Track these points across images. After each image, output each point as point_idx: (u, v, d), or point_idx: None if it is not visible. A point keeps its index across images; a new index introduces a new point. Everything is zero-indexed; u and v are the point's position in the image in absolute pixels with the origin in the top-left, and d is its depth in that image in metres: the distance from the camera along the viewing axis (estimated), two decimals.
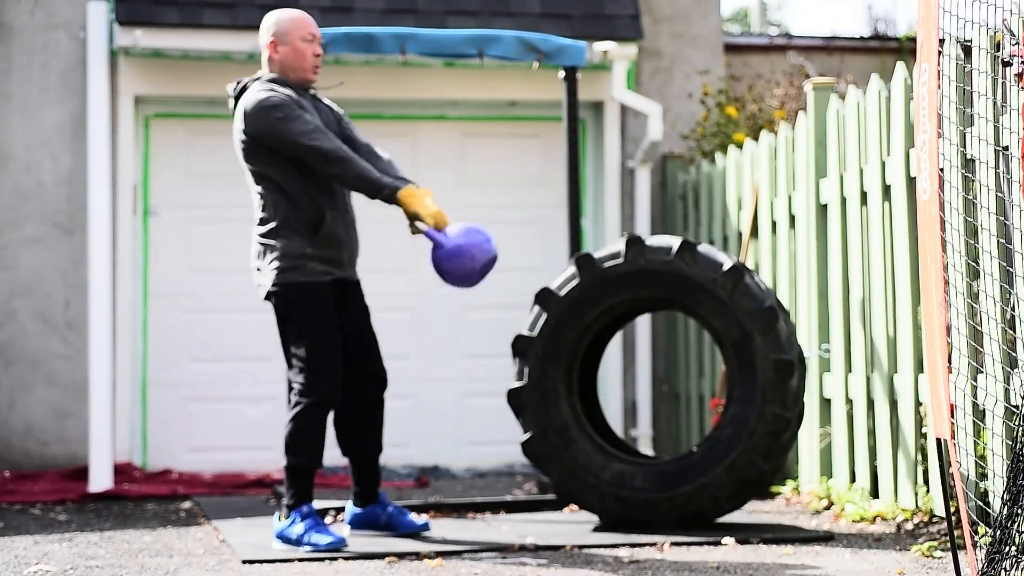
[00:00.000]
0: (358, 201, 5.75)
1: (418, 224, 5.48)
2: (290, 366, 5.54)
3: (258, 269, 5.59)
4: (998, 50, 4.94)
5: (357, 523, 5.79)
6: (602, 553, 5.23)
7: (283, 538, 5.40)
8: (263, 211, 5.57)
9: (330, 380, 5.46)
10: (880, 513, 5.82)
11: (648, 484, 5.72)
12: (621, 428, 8.57)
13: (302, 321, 5.49)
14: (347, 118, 5.84)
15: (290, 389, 5.51)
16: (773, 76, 9.38)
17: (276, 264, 5.50)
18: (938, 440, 4.12)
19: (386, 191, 5.44)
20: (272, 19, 5.70)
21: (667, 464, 5.81)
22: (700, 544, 5.38)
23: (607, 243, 8.52)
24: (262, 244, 5.57)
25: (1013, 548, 4.35)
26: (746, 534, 5.51)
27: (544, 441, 5.83)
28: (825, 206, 6.56)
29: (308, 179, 5.51)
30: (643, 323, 8.60)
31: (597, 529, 5.76)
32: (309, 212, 5.49)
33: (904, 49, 9.71)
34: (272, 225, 5.52)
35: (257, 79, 5.67)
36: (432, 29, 7.29)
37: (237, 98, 5.72)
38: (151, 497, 7.34)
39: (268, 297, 5.56)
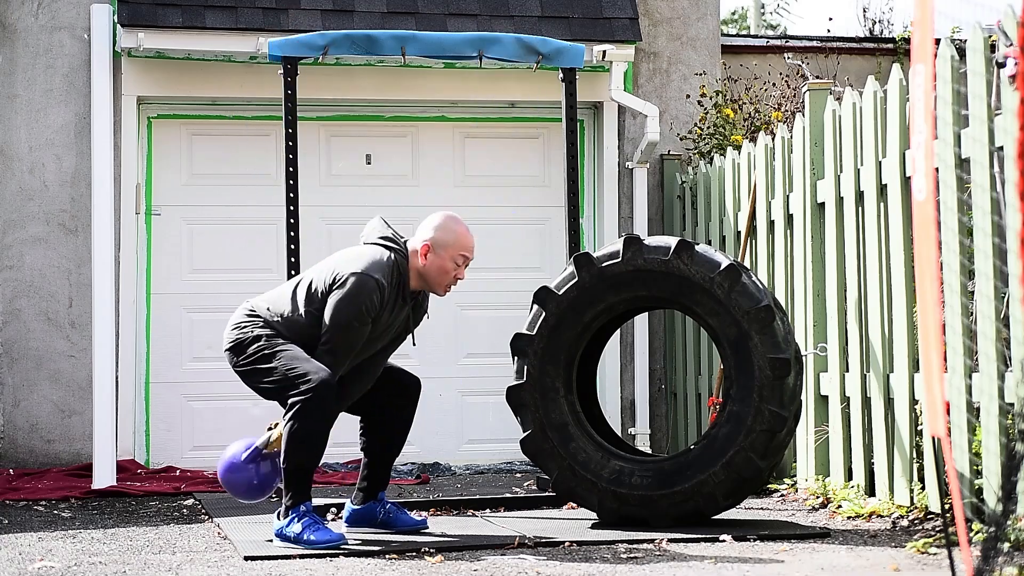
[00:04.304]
0: (359, 199, 5.77)
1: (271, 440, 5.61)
2: (278, 388, 5.44)
3: (233, 328, 5.57)
4: (993, 52, 5.00)
5: (354, 520, 5.80)
6: (600, 549, 5.25)
7: (282, 537, 5.39)
8: (282, 304, 5.52)
9: (315, 368, 5.34)
10: (876, 510, 5.84)
11: (646, 481, 5.72)
12: (619, 426, 8.61)
13: (263, 345, 5.48)
14: (413, 327, 5.62)
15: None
16: (770, 77, 9.43)
17: (246, 339, 5.52)
18: (933, 438, 4.14)
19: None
20: (437, 221, 5.50)
21: (665, 462, 5.83)
22: (698, 540, 5.38)
23: (606, 243, 8.55)
24: (254, 323, 5.52)
25: (1007, 544, 4.41)
26: (743, 530, 5.52)
27: (543, 439, 5.84)
28: (822, 206, 6.60)
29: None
30: (641, 322, 8.64)
31: (596, 526, 5.77)
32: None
33: (900, 51, 9.78)
34: (279, 321, 5.49)
35: (395, 249, 5.44)
36: (432, 31, 7.33)
37: (388, 242, 5.46)
38: (154, 494, 7.37)
39: (229, 349, 5.57)
